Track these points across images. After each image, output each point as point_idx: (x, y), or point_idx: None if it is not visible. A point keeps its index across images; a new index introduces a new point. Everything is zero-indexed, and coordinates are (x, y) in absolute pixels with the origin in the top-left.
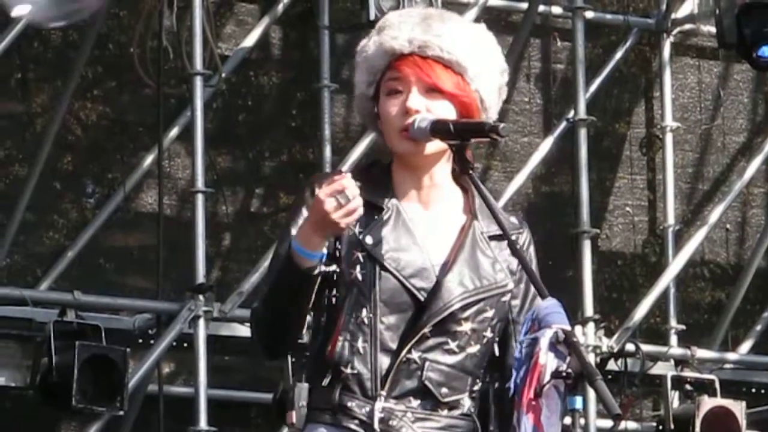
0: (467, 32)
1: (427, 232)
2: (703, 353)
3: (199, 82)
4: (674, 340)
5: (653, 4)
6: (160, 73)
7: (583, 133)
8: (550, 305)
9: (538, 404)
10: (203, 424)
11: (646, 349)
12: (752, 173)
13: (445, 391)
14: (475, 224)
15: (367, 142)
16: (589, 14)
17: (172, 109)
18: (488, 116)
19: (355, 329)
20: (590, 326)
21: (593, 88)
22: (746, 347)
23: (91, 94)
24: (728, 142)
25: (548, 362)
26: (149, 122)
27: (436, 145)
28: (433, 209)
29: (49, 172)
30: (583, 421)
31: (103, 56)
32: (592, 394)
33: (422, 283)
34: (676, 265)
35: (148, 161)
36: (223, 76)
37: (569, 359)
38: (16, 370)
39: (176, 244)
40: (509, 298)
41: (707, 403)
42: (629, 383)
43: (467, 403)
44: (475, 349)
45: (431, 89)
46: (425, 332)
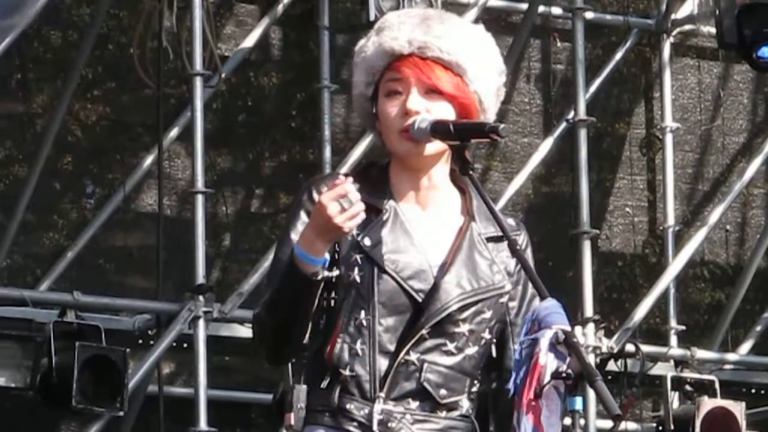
0: (467, 33)
1: (425, 233)
2: (702, 354)
3: (199, 82)
4: (674, 340)
5: (653, 4)
6: (160, 73)
7: (583, 133)
8: (550, 306)
9: (538, 405)
10: (203, 424)
11: (646, 349)
12: (752, 174)
13: (443, 392)
14: (472, 226)
15: (366, 142)
16: (589, 15)
17: (172, 109)
18: (487, 117)
19: (353, 331)
20: (590, 327)
21: (593, 88)
22: (746, 348)
23: (91, 94)
24: (728, 142)
25: (548, 363)
26: (149, 123)
27: (435, 146)
28: (430, 210)
29: (49, 172)
30: (583, 421)
31: (103, 57)
32: (592, 394)
33: (420, 284)
34: (676, 265)
35: (148, 162)
36: (223, 76)
37: (569, 360)
38: (16, 370)
39: (176, 244)
40: (507, 299)
41: (707, 403)
42: (629, 384)
43: (466, 404)
44: (473, 350)
45: (431, 90)
46: (423, 334)
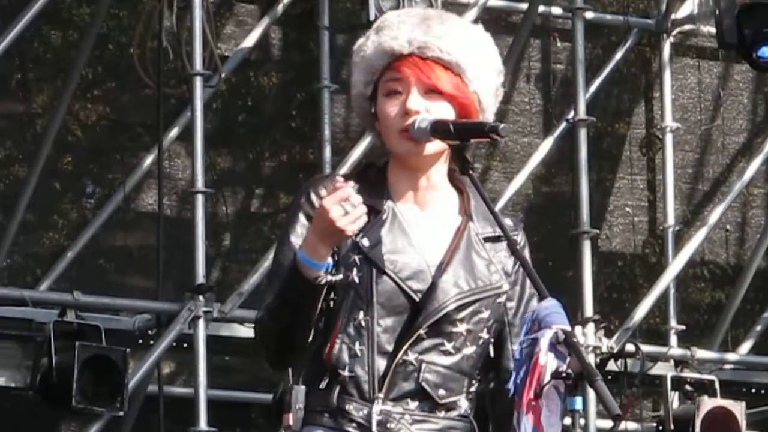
0: (466, 33)
1: (422, 233)
2: (702, 354)
3: (199, 82)
4: (674, 340)
5: (653, 4)
6: (160, 73)
7: (583, 133)
8: (550, 306)
9: (538, 405)
10: (203, 424)
11: (646, 349)
12: (752, 174)
13: (442, 392)
14: (470, 225)
15: (366, 142)
16: (589, 15)
17: (172, 109)
18: (486, 117)
19: (352, 332)
20: (590, 327)
21: (593, 88)
22: (746, 348)
23: (91, 94)
24: (728, 142)
25: (548, 363)
26: (149, 122)
27: (435, 145)
28: (428, 210)
29: (49, 172)
30: (583, 421)
31: (103, 56)
32: (592, 394)
33: (419, 285)
34: (676, 265)
35: (148, 161)
36: (223, 76)
37: (569, 360)
38: (16, 370)
39: (176, 244)
40: (505, 299)
41: (707, 403)
42: (629, 384)
43: (464, 404)
44: (471, 350)
45: (430, 90)
46: (421, 333)
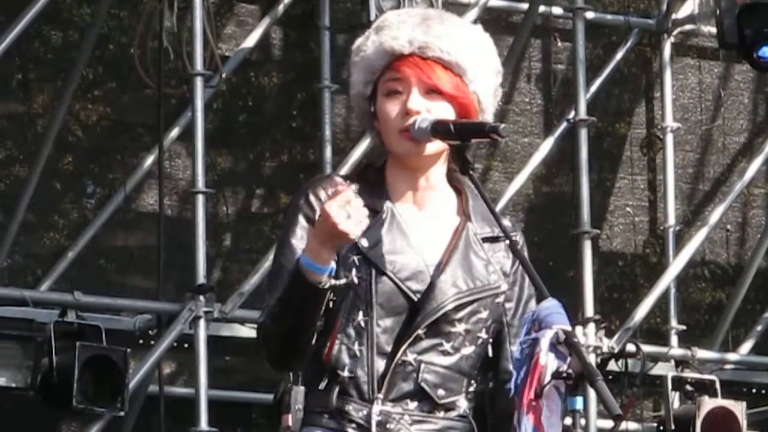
0: (466, 33)
1: (421, 233)
2: (703, 354)
3: (199, 82)
4: (675, 340)
5: (654, 4)
6: (160, 73)
7: (583, 133)
8: (550, 306)
9: (538, 405)
10: (204, 424)
11: (646, 349)
12: (753, 174)
13: (441, 392)
14: (468, 226)
15: (367, 142)
16: (589, 15)
17: (172, 109)
18: (485, 117)
19: (351, 332)
20: (591, 327)
21: (594, 88)
22: (747, 348)
23: (91, 94)
24: (729, 142)
25: (549, 363)
26: (150, 123)
27: (435, 145)
28: (427, 210)
29: (49, 172)
30: (583, 421)
31: (103, 57)
32: (592, 394)
33: (418, 285)
34: (676, 265)
35: (148, 162)
36: (223, 76)
37: (570, 360)
38: (16, 370)
39: (177, 244)
40: (503, 300)
41: (708, 403)
42: (630, 384)
43: (463, 404)
44: (470, 350)
45: (431, 90)
46: (419, 333)
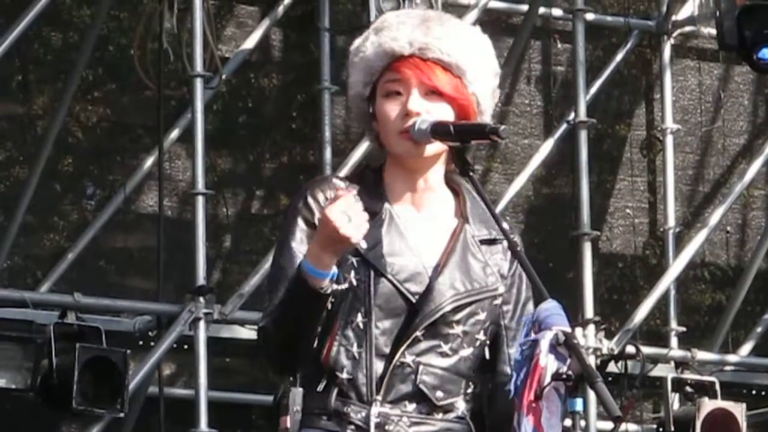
0: (465, 35)
1: (419, 235)
2: (703, 355)
3: (199, 84)
4: (674, 342)
5: (654, 6)
6: (160, 75)
7: (583, 135)
8: (550, 307)
9: (538, 406)
10: (204, 425)
11: (646, 351)
12: (753, 175)
13: (439, 394)
14: (466, 228)
15: (367, 143)
16: (589, 16)
17: (172, 110)
18: (483, 119)
19: (350, 334)
20: (590, 328)
21: (594, 90)
22: (746, 349)
23: (91, 96)
24: (728, 144)
25: (549, 364)
26: (150, 124)
27: (435, 147)
28: (425, 212)
29: (49, 173)
30: (583, 423)
31: (103, 58)
32: (592, 396)
33: (416, 287)
34: (676, 267)
35: (148, 163)
36: (223, 77)
37: (569, 361)
38: (16, 372)
39: (177, 246)
40: (501, 302)
41: (707, 405)
42: (630, 385)
43: (462, 406)
44: (468, 352)
45: (431, 92)
46: (418, 335)
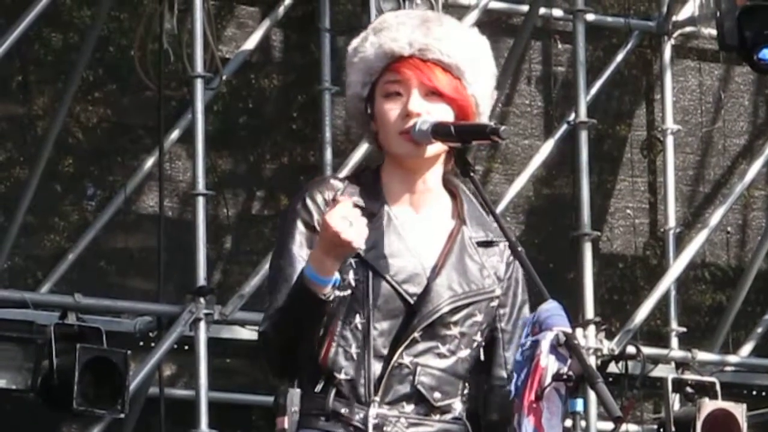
0: (465, 36)
1: (417, 236)
2: (703, 356)
3: (199, 84)
4: (675, 342)
5: (654, 6)
6: (160, 75)
7: (583, 135)
8: (550, 308)
9: (539, 407)
10: (204, 426)
11: (646, 351)
12: (753, 176)
13: (437, 395)
14: (463, 229)
15: (367, 144)
16: (589, 17)
17: (172, 111)
18: (482, 120)
19: (348, 335)
20: (591, 329)
21: (594, 90)
22: (747, 350)
23: (92, 96)
24: (729, 144)
25: (549, 365)
26: (150, 125)
27: (435, 147)
28: (423, 213)
29: (49, 174)
30: (584, 423)
31: (104, 59)
32: (593, 396)
33: (414, 288)
34: (676, 267)
35: (148, 164)
36: (223, 78)
37: (570, 362)
38: (16, 372)
39: (177, 246)
40: (497, 304)
41: (708, 405)
42: (630, 386)
43: (459, 407)
44: (465, 353)
45: (430, 92)
46: (415, 336)
